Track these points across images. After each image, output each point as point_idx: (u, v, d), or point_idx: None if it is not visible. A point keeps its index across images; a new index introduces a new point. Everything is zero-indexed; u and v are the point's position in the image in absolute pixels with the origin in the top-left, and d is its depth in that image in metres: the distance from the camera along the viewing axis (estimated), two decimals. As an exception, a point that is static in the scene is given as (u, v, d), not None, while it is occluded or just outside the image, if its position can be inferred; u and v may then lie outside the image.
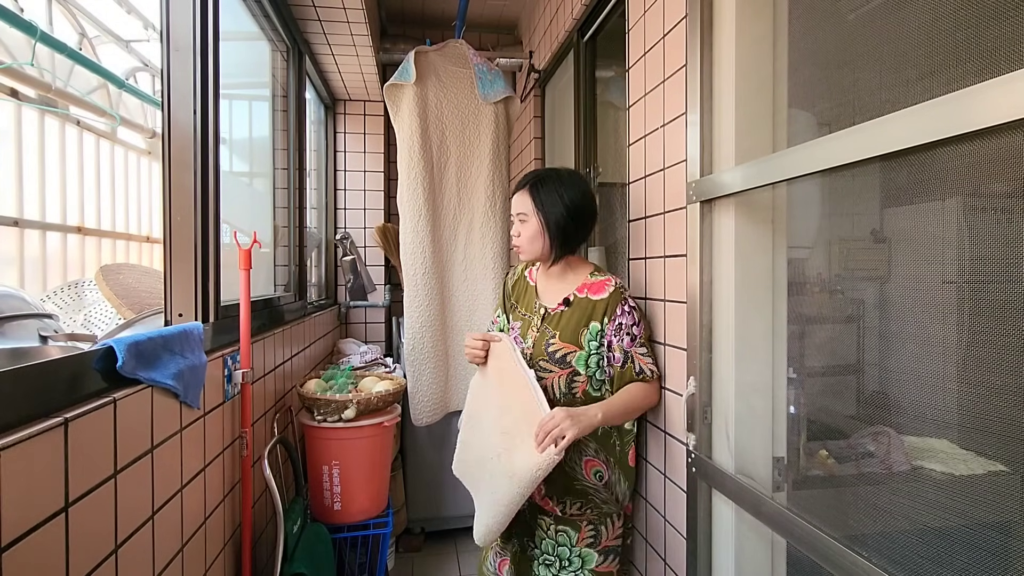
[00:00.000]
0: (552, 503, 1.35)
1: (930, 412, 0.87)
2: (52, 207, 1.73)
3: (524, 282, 1.48)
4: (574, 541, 1.36)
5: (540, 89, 2.88)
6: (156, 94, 2.20)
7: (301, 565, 1.47)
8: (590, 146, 2.20)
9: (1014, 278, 0.73)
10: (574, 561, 1.36)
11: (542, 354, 1.34)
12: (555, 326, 1.35)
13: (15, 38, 1.48)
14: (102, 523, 0.80)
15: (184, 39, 1.20)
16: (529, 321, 1.40)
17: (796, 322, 1.14)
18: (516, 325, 1.42)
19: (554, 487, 1.34)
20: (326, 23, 2.22)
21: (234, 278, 1.39)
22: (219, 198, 1.28)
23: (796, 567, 1.13)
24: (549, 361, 1.33)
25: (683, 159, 1.27)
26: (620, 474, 1.38)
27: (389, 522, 1.90)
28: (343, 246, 3.11)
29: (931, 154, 0.74)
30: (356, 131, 3.19)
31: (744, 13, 1.12)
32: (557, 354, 1.33)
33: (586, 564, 1.36)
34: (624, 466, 1.39)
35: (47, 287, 1.62)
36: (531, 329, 1.38)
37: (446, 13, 3.09)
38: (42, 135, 1.69)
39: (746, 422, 1.15)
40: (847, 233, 1.09)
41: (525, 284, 1.48)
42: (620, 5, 1.81)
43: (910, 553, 0.83)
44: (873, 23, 0.97)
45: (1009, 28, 0.70)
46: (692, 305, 1.22)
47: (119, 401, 0.84)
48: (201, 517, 1.16)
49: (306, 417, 1.79)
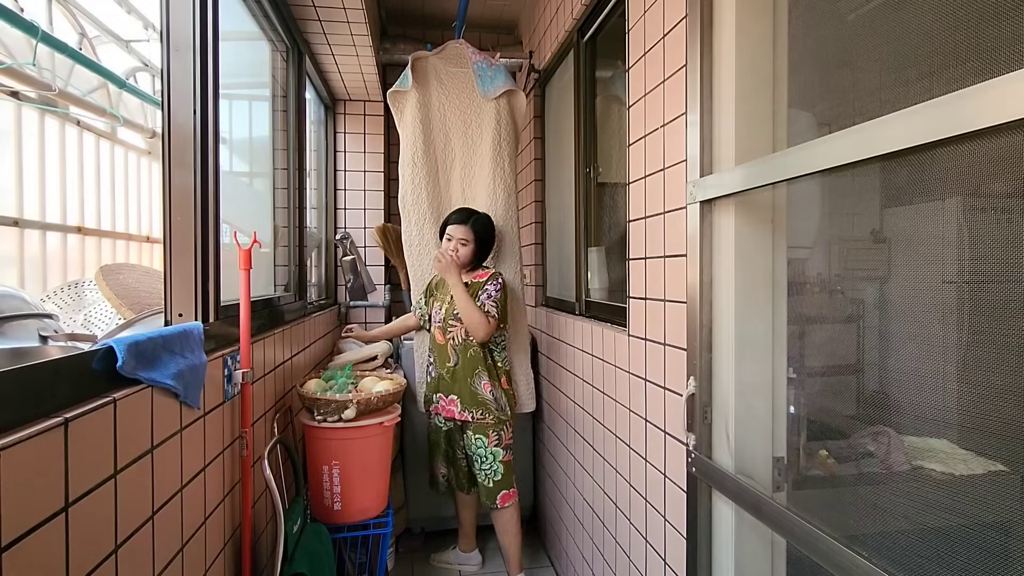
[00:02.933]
0: (467, 414, 2.21)
1: (930, 412, 0.87)
2: (52, 207, 1.73)
3: (441, 281, 2.36)
4: (486, 444, 2.22)
5: (540, 89, 2.88)
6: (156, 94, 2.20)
7: (301, 565, 1.47)
8: (590, 146, 2.20)
9: (1014, 278, 0.73)
10: (487, 457, 2.22)
11: (450, 316, 2.24)
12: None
13: (15, 38, 1.48)
14: (102, 523, 0.80)
15: (184, 39, 1.20)
16: (443, 299, 2.29)
17: (796, 322, 1.14)
18: (436, 304, 2.33)
19: (466, 401, 2.21)
20: (326, 23, 2.22)
21: (234, 278, 1.39)
22: (219, 198, 1.28)
23: (796, 567, 1.13)
24: (454, 320, 2.23)
25: (683, 159, 1.27)
26: (501, 392, 2.26)
27: (389, 522, 1.90)
28: (343, 246, 3.11)
29: (931, 154, 0.74)
30: (356, 131, 3.19)
31: (744, 13, 1.12)
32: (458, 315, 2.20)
33: (496, 458, 2.23)
34: (501, 388, 2.26)
35: (47, 287, 1.62)
36: (444, 304, 2.27)
37: (446, 13, 3.09)
38: (42, 135, 1.68)
39: (746, 422, 1.15)
40: (847, 233, 1.09)
41: (441, 282, 2.35)
42: (620, 5, 1.81)
43: (910, 553, 0.83)
44: (873, 23, 0.97)
45: (1009, 28, 0.70)
46: (692, 305, 1.22)
47: (119, 401, 0.84)
48: (201, 517, 1.16)
49: (306, 417, 1.79)
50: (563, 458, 2.38)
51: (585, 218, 2.22)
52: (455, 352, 2.23)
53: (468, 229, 2.22)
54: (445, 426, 2.31)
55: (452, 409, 2.24)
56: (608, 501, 1.82)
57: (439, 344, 2.28)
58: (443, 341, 2.25)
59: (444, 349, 2.25)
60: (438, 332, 2.28)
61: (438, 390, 2.29)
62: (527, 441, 2.84)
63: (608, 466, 1.82)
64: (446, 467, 2.37)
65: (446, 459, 2.36)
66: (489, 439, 2.22)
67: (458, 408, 2.22)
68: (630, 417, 1.63)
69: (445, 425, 2.31)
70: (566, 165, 2.43)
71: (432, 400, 2.32)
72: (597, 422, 1.92)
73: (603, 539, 1.88)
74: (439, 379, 2.28)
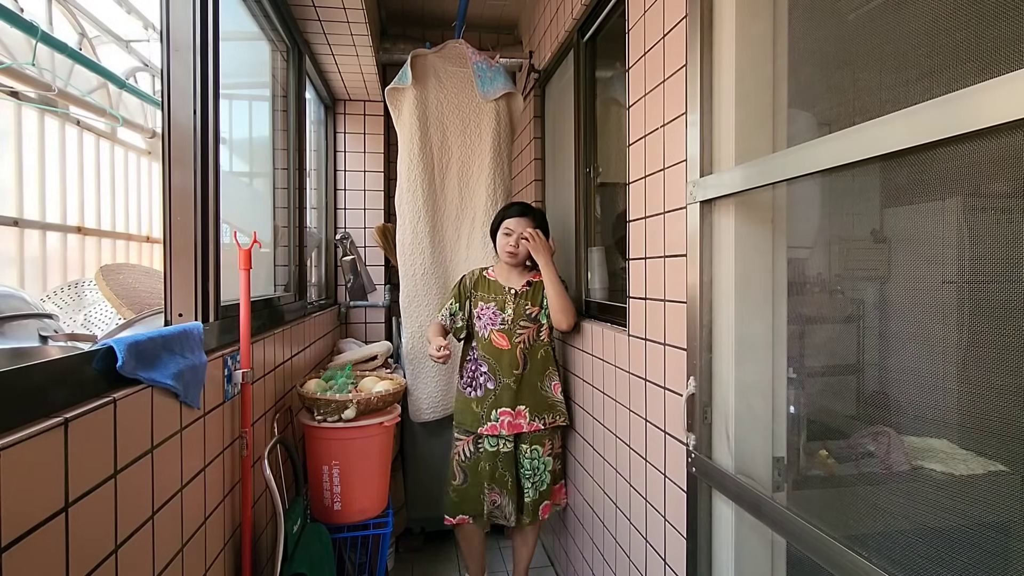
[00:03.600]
0: (537, 423, 2.00)
1: (930, 412, 0.87)
2: (52, 207, 1.73)
3: (484, 280, 2.13)
4: (541, 454, 2.03)
5: (540, 89, 2.88)
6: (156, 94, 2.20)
7: (301, 565, 1.47)
8: (590, 146, 2.20)
9: (1014, 278, 0.73)
10: (539, 467, 2.03)
11: (521, 316, 2.03)
12: (527, 299, 2.06)
13: (15, 38, 1.48)
14: (102, 523, 0.80)
15: (184, 39, 1.20)
16: (503, 300, 2.05)
17: (796, 322, 1.14)
18: (489, 306, 2.06)
19: (538, 408, 2.01)
20: (326, 23, 2.22)
21: (234, 278, 1.39)
22: (219, 198, 1.28)
23: (796, 567, 1.13)
24: (527, 320, 2.03)
25: (683, 159, 1.27)
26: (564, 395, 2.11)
27: (389, 522, 1.90)
28: (343, 246, 3.11)
29: (931, 154, 0.74)
30: (356, 131, 3.19)
31: (744, 13, 1.12)
32: (532, 315, 2.04)
33: (547, 467, 2.04)
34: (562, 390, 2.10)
35: (47, 287, 1.62)
36: (507, 304, 2.04)
37: (446, 13, 3.09)
38: (42, 135, 1.69)
39: (746, 422, 1.15)
40: (847, 233, 1.09)
41: (485, 280, 2.12)
42: (620, 5, 1.81)
43: (910, 553, 0.83)
44: (873, 23, 0.97)
45: (1009, 28, 0.70)
46: (692, 305, 1.22)
47: (119, 401, 0.84)
48: (201, 517, 1.16)
49: (306, 417, 1.79)
50: (562, 458, 2.38)
51: (585, 218, 2.22)
52: (523, 356, 2.00)
53: (530, 223, 2.04)
54: (503, 446, 2.00)
55: (520, 422, 1.98)
56: (608, 501, 1.82)
57: (500, 350, 2.00)
58: (507, 346, 1.99)
59: (510, 355, 1.99)
60: (499, 337, 2.01)
61: (498, 404, 1.99)
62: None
63: (608, 466, 1.82)
64: (499, 494, 2.01)
65: (500, 485, 2.01)
66: (545, 448, 2.03)
67: (527, 419, 1.98)
68: (630, 417, 1.63)
69: (503, 445, 2.00)
70: (566, 165, 2.43)
71: (487, 419, 1.99)
72: (597, 422, 1.92)
73: (603, 539, 1.88)
74: (500, 391, 1.99)
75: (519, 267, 2.08)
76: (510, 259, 2.05)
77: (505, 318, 2.01)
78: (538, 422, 1.99)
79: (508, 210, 2.08)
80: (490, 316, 2.03)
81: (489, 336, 2.02)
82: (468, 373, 2.09)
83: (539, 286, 2.04)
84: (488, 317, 2.03)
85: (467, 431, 2.05)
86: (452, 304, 2.12)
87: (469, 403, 2.04)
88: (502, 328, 2.01)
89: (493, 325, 2.02)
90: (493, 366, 2.02)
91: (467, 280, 2.14)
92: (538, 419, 1.99)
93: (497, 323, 2.01)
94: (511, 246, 2.02)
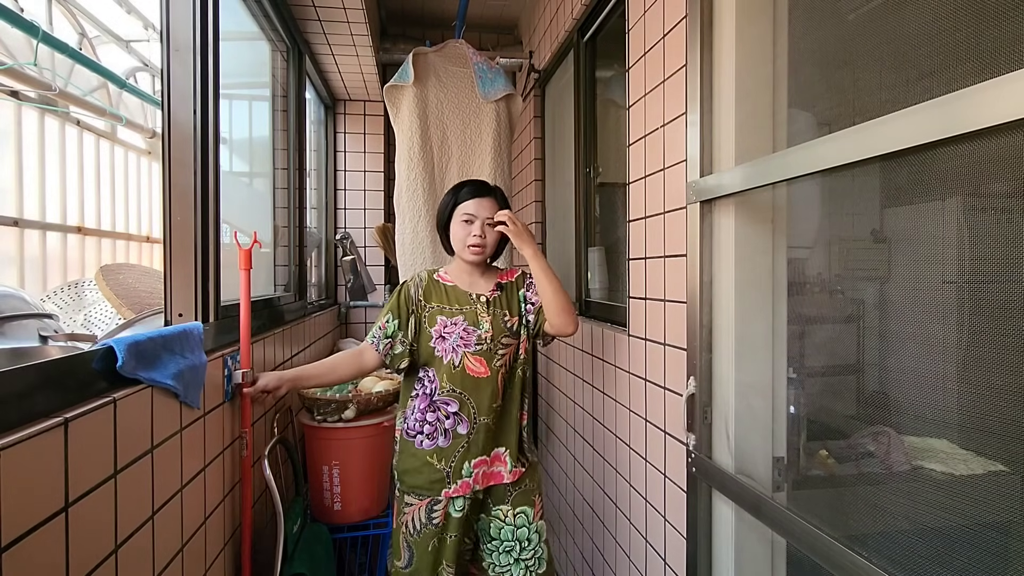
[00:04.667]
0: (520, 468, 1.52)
1: (930, 412, 0.87)
2: (52, 207, 1.74)
3: (438, 285, 1.57)
4: (531, 517, 1.51)
5: (540, 89, 2.88)
6: (156, 94, 2.20)
7: (301, 565, 1.47)
8: (590, 146, 2.20)
9: (1014, 278, 0.73)
10: (532, 538, 1.50)
11: (502, 331, 1.51)
12: (502, 307, 1.55)
13: (16, 38, 1.48)
14: (102, 523, 0.80)
15: (184, 39, 1.20)
16: (473, 311, 1.52)
17: (796, 322, 1.14)
18: (455, 321, 1.50)
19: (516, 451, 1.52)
20: (326, 23, 2.22)
21: (234, 278, 1.39)
22: (219, 198, 1.28)
23: (796, 567, 1.13)
24: (508, 336, 1.52)
25: (683, 159, 1.27)
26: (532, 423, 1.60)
27: (389, 522, 1.90)
28: (343, 246, 3.11)
29: (931, 154, 0.74)
30: (356, 131, 3.19)
31: (744, 13, 1.12)
32: (512, 328, 1.54)
33: (541, 536, 1.53)
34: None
35: (47, 287, 1.62)
36: (481, 316, 1.51)
37: (446, 13, 3.09)
38: (42, 135, 1.69)
39: (746, 422, 1.15)
40: (847, 233, 1.09)
41: (440, 287, 1.57)
42: (620, 5, 1.81)
43: (910, 553, 0.83)
44: (873, 23, 0.97)
45: (1009, 28, 0.70)
46: (692, 305, 1.22)
47: (119, 401, 0.84)
48: (201, 517, 1.16)
49: (306, 417, 1.79)
50: (563, 458, 2.38)
51: (585, 218, 2.22)
52: (504, 383, 1.50)
53: (494, 204, 1.55)
54: (465, 510, 1.47)
55: (498, 470, 1.50)
56: (608, 501, 1.82)
57: (478, 380, 1.47)
58: (486, 372, 1.47)
59: (490, 385, 1.47)
60: (475, 362, 1.47)
61: (472, 453, 1.46)
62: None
63: (608, 466, 1.82)
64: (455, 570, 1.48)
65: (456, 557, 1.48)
66: (535, 508, 1.52)
67: (508, 464, 1.50)
68: (630, 417, 1.63)
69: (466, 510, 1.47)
70: (566, 165, 2.43)
71: (455, 475, 1.45)
72: (597, 422, 1.92)
73: (603, 539, 1.88)
74: (475, 435, 1.46)
75: (481, 266, 1.57)
76: (475, 255, 1.51)
77: (482, 335, 1.48)
78: (520, 468, 1.52)
79: (459, 192, 1.55)
80: (460, 335, 1.47)
81: (462, 362, 1.46)
82: (419, 418, 1.47)
83: (511, 287, 1.58)
84: (458, 336, 1.47)
85: (421, 494, 1.46)
86: (389, 322, 1.50)
87: (425, 457, 1.46)
88: (479, 350, 1.47)
89: (466, 347, 1.47)
90: (467, 402, 1.46)
91: (410, 288, 1.55)
92: (519, 462, 1.52)
93: (472, 343, 1.47)
94: (476, 237, 1.49)
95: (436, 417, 1.47)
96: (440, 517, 1.45)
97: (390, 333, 1.50)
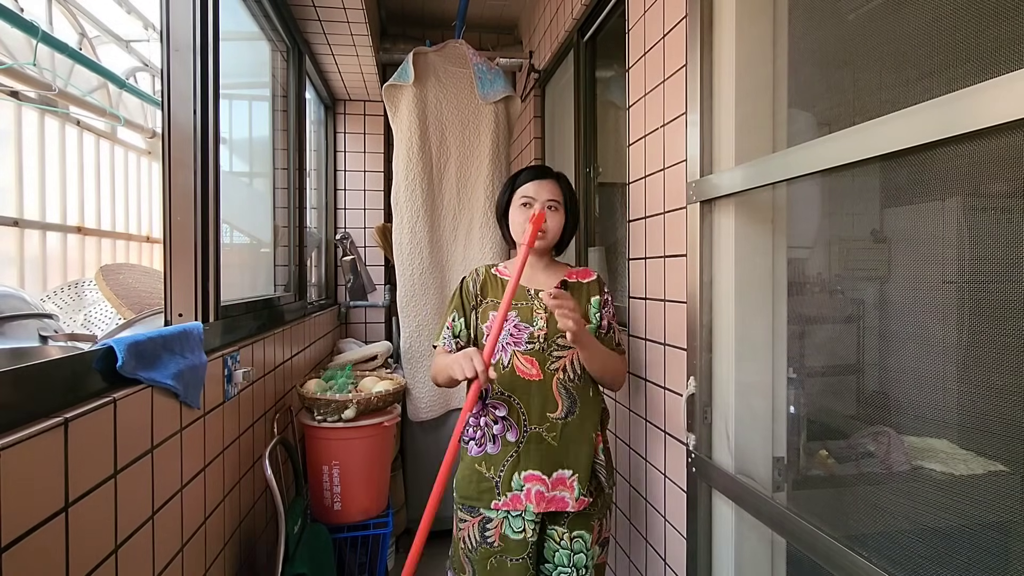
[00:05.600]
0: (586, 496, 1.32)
1: (930, 412, 0.87)
2: (52, 207, 1.74)
3: (495, 279, 1.45)
4: (589, 543, 1.34)
5: (540, 89, 2.88)
6: (156, 94, 2.20)
7: (301, 565, 1.47)
8: (590, 146, 2.20)
9: (1014, 278, 0.73)
10: (587, 564, 1.34)
11: (558, 331, 1.31)
12: None
13: (15, 38, 1.48)
14: (102, 523, 0.80)
15: (184, 39, 1.20)
16: (528, 307, 1.37)
17: (796, 322, 1.14)
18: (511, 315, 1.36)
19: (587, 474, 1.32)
20: (326, 23, 2.22)
21: (234, 278, 1.39)
22: (219, 198, 1.28)
23: (796, 567, 1.13)
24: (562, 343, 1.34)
25: (683, 159, 1.27)
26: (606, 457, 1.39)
27: (389, 522, 1.90)
28: (343, 246, 3.11)
29: (931, 154, 0.74)
30: (356, 131, 3.19)
31: (744, 13, 1.12)
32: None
33: (592, 559, 1.35)
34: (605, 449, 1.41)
35: (47, 287, 1.63)
36: (536, 312, 1.36)
37: (446, 13, 3.09)
38: (42, 135, 1.69)
39: (746, 422, 1.15)
40: (847, 233, 1.09)
41: (497, 281, 1.44)
42: (620, 5, 1.81)
43: (910, 553, 0.83)
44: (873, 23, 0.97)
45: (1009, 28, 0.70)
46: (692, 305, 1.22)
47: (119, 401, 0.84)
48: (201, 517, 1.16)
49: (306, 417, 1.79)
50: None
51: (585, 218, 2.22)
52: (565, 393, 1.34)
53: (556, 187, 1.42)
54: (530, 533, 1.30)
55: (562, 495, 1.31)
56: (608, 501, 1.82)
57: (528, 383, 1.33)
58: (538, 376, 1.33)
59: (542, 390, 1.33)
60: (525, 362, 1.33)
61: (522, 465, 1.31)
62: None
63: (608, 466, 1.82)
64: None
65: None
66: (593, 532, 1.35)
67: (574, 491, 1.31)
68: (630, 417, 1.63)
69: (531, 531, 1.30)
70: (566, 165, 2.43)
71: (505, 488, 1.31)
72: (597, 422, 1.92)
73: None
74: (524, 445, 1.32)
75: (544, 257, 1.45)
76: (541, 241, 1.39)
77: (535, 332, 1.33)
78: (588, 495, 1.33)
79: (518, 176, 1.46)
80: (511, 331, 1.35)
81: (511, 362, 1.34)
82: (472, 422, 1.37)
83: (581, 289, 1.42)
84: (508, 333, 1.35)
85: (472, 508, 1.35)
86: (455, 319, 1.42)
87: (473, 464, 1.35)
88: (529, 349, 1.33)
89: (516, 345, 1.34)
90: (515, 407, 1.33)
91: (469, 284, 1.45)
92: (589, 492, 1.33)
93: (522, 342, 1.33)
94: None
95: (485, 422, 1.35)
96: (495, 537, 1.32)
97: (457, 332, 1.42)
